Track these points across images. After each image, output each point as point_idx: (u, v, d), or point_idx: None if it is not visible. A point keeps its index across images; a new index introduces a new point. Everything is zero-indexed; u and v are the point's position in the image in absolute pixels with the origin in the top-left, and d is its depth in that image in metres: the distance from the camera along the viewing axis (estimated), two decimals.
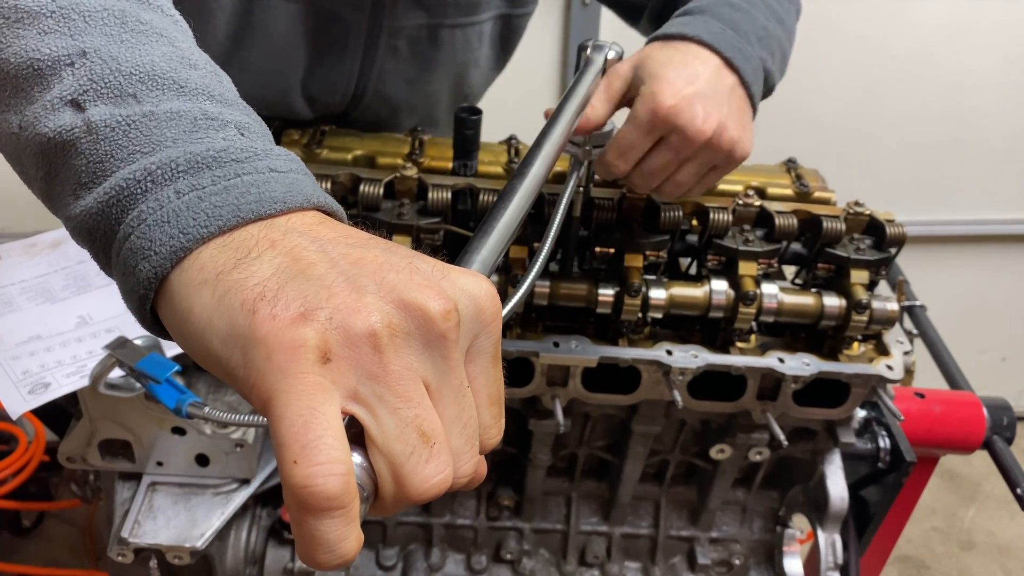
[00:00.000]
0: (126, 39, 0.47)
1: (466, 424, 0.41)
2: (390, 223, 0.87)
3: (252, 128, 0.47)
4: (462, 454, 0.41)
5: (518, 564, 1.12)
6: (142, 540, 0.90)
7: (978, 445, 1.19)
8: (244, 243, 0.41)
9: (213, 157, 0.43)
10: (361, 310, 0.38)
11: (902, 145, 2.32)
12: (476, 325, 0.42)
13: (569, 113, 0.72)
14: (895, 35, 2.15)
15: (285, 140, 1.00)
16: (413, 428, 0.38)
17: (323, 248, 0.40)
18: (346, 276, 0.39)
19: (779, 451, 1.03)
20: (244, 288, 0.38)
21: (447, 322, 0.39)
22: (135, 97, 0.45)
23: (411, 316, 0.39)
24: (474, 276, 0.43)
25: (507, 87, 1.27)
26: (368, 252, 0.41)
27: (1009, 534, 2.50)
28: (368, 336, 0.37)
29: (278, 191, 0.43)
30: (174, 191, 0.42)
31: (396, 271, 0.40)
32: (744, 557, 1.13)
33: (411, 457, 0.38)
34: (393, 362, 0.38)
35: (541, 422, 0.96)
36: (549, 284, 0.89)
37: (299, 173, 0.46)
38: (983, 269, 2.57)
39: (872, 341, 0.95)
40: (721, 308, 0.90)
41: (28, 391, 0.91)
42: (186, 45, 0.50)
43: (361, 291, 0.38)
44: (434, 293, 0.39)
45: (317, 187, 0.46)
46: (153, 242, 0.41)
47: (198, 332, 0.40)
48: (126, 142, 0.44)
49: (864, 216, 0.92)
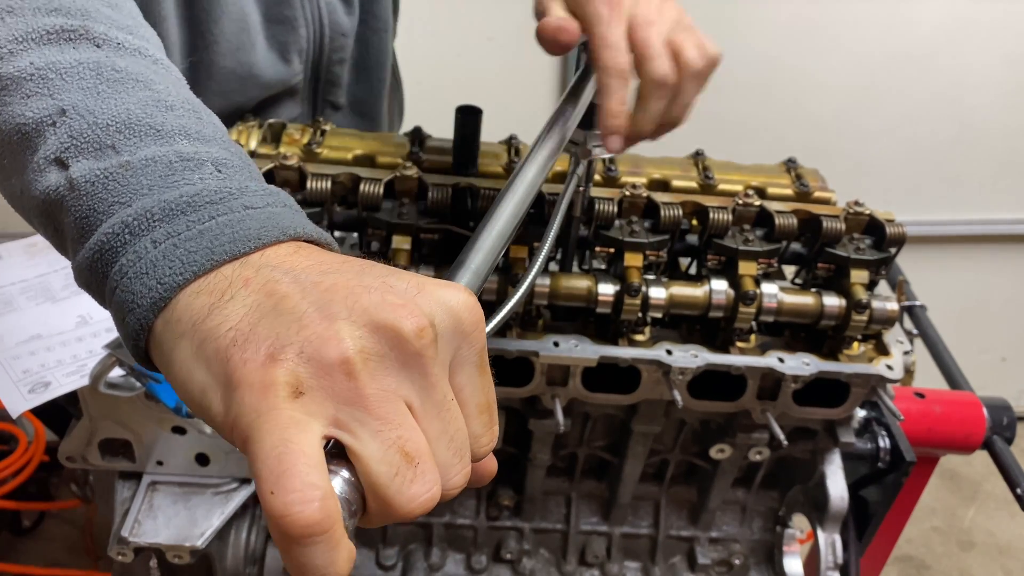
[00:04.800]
0: (102, 90, 0.48)
1: (452, 437, 0.41)
2: (390, 223, 0.87)
3: (231, 163, 0.48)
4: (450, 467, 0.41)
5: (518, 564, 1.12)
6: (142, 539, 0.90)
7: (978, 445, 1.19)
8: (218, 285, 0.42)
9: (187, 202, 0.44)
10: (331, 339, 0.38)
11: (902, 145, 2.32)
12: (456, 337, 0.42)
13: (568, 115, 0.72)
14: (895, 35, 2.15)
15: (285, 139, 1.00)
16: (396, 449, 0.38)
17: (296, 278, 0.41)
18: (317, 305, 0.40)
19: (779, 451, 1.03)
20: (218, 336, 0.39)
21: (421, 340, 0.39)
22: (113, 148, 0.46)
23: (384, 338, 0.39)
24: (451, 287, 0.43)
25: (507, 87, 1.27)
26: (341, 277, 0.41)
27: (1009, 534, 2.50)
28: (340, 363, 0.38)
29: (252, 228, 0.44)
30: (151, 241, 0.43)
31: (368, 293, 0.40)
32: (744, 557, 1.13)
33: (395, 478, 0.38)
34: (369, 386, 0.38)
35: (541, 422, 0.96)
36: (549, 283, 0.89)
37: (277, 206, 0.47)
38: (983, 269, 2.57)
39: (872, 341, 0.95)
40: (721, 308, 0.90)
41: (28, 390, 0.91)
42: (164, 86, 0.51)
43: (332, 318, 0.39)
44: (407, 312, 0.40)
45: (297, 217, 0.47)
46: (135, 295, 0.42)
47: (181, 383, 0.41)
48: (106, 195, 0.45)
49: (864, 216, 0.92)
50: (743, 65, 2.13)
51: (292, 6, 1.01)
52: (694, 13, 0.86)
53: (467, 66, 2.06)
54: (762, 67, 2.16)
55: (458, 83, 2.06)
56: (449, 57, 2.06)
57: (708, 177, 1.01)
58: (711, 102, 0.84)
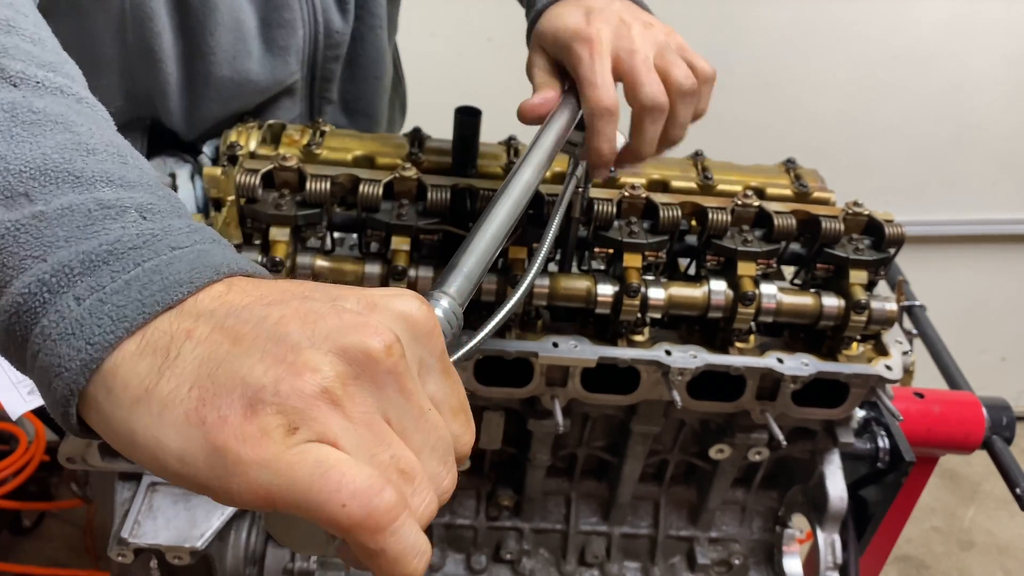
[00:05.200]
0: (16, 134, 0.44)
1: (435, 446, 0.41)
2: (389, 224, 0.87)
3: (156, 207, 0.45)
4: (439, 475, 0.41)
5: (518, 564, 1.12)
6: (142, 540, 0.90)
7: (977, 445, 1.20)
8: (160, 342, 0.39)
9: (108, 251, 0.41)
10: (304, 371, 0.37)
11: (901, 145, 2.32)
12: (418, 345, 0.41)
13: (564, 116, 0.72)
14: (894, 34, 2.15)
15: (285, 140, 1.00)
16: (393, 470, 0.38)
17: (240, 319, 0.39)
18: (275, 340, 0.38)
19: (778, 451, 1.03)
20: (179, 398, 0.37)
21: (391, 357, 0.39)
22: (27, 196, 0.42)
23: (354, 360, 0.38)
24: (400, 297, 0.42)
25: (507, 88, 1.27)
26: (287, 307, 0.39)
27: (1009, 534, 2.50)
28: (323, 393, 0.37)
29: (183, 271, 0.41)
30: (73, 298, 0.39)
31: (323, 318, 0.39)
32: (743, 557, 1.13)
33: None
34: (354, 411, 0.37)
35: (540, 422, 0.96)
36: (548, 283, 0.89)
37: (205, 243, 0.43)
38: (982, 269, 2.57)
39: (871, 341, 0.95)
40: (720, 308, 0.90)
41: (28, 391, 0.91)
42: (86, 128, 0.47)
43: (297, 350, 0.37)
44: (370, 330, 0.38)
45: (227, 251, 0.44)
46: (62, 358, 0.39)
47: (150, 455, 0.38)
48: (17, 248, 0.41)
49: (863, 216, 0.92)
50: (742, 65, 2.13)
51: (291, 8, 1.01)
52: (694, 13, 0.86)
53: (467, 66, 2.06)
54: (761, 67, 2.16)
55: (458, 83, 2.06)
56: (449, 57, 2.06)
57: (707, 178, 1.02)
58: (711, 102, 0.85)
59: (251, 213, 0.85)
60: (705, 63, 0.80)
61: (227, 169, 0.94)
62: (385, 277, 0.86)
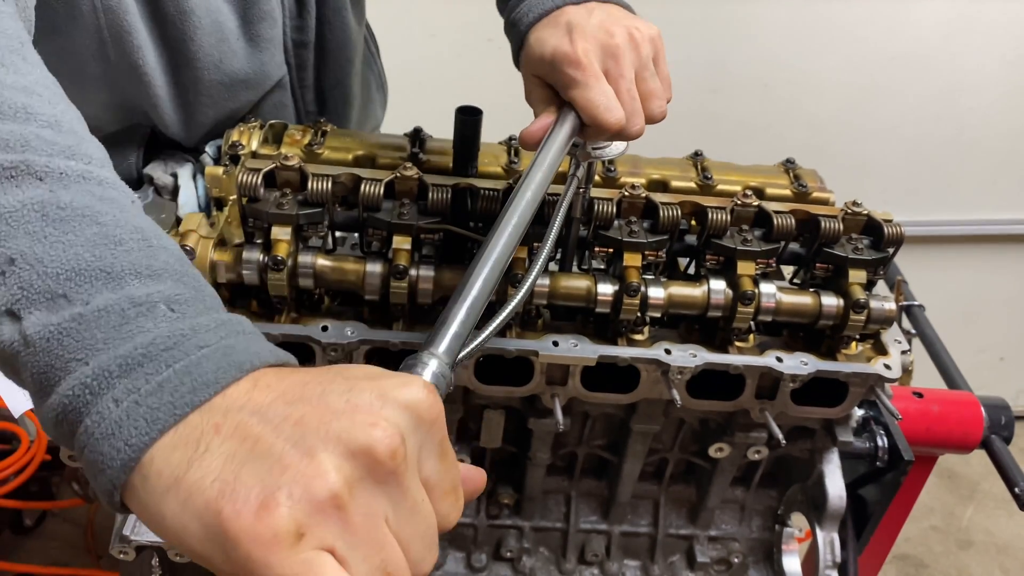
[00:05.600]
0: (49, 234, 0.47)
1: (423, 535, 0.45)
2: (390, 223, 0.87)
3: (183, 298, 0.48)
4: (421, 560, 0.44)
5: (518, 562, 1.13)
6: (144, 538, 0.90)
7: (976, 444, 1.20)
8: (191, 436, 0.43)
9: (143, 354, 0.45)
10: (317, 476, 0.40)
11: (900, 145, 2.32)
12: (420, 433, 0.45)
13: (557, 142, 0.73)
14: (893, 35, 2.16)
15: (287, 140, 1.01)
16: (381, 573, 0.42)
17: (264, 417, 0.43)
18: (293, 442, 0.42)
19: (777, 450, 1.03)
20: (203, 488, 0.41)
21: (395, 460, 0.42)
22: (65, 297, 0.46)
23: (361, 462, 0.42)
24: (411, 386, 0.45)
25: (507, 88, 1.27)
26: (307, 406, 0.43)
27: (1007, 533, 2.51)
28: (331, 499, 0.40)
29: (209, 372, 0.45)
30: (112, 400, 0.44)
31: (337, 418, 0.42)
32: (743, 555, 1.14)
33: None
34: (356, 515, 0.41)
35: (541, 421, 0.97)
36: (548, 283, 0.89)
37: (230, 337, 0.47)
38: (981, 269, 2.57)
39: (870, 340, 0.95)
40: (719, 307, 0.90)
41: None
42: (111, 216, 0.50)
43: (312, 454, 0.41)
44: (379, 431, 0.42)
45: (252, 345, 0.48)
46: (104, 456, 0.43)
47: (177, 537, 0.42)
48: (61, 351, 0.45)
49: (862, 216, 0.93)
50: (742, 65, 2.14)
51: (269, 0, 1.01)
52: (694, 14, 0.86)
53: (467, 66, 2.06)
54: (761, 67, 2.16)
55: (458, 83, 2.06)
56: (449, 57, 2.06)
57: (707, 177, 1.02)
58: (710, 102, 0.85)
59: (253, 212, 0.85)
60: (669, 84, 0.83)
61: (229, 168, 0.95)
62: (386, 276, 0.86)
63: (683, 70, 2.08)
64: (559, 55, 0.77)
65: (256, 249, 0.85)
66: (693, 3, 2.00)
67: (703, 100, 2.12)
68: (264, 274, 0.84)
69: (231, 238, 0.90)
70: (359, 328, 0.87)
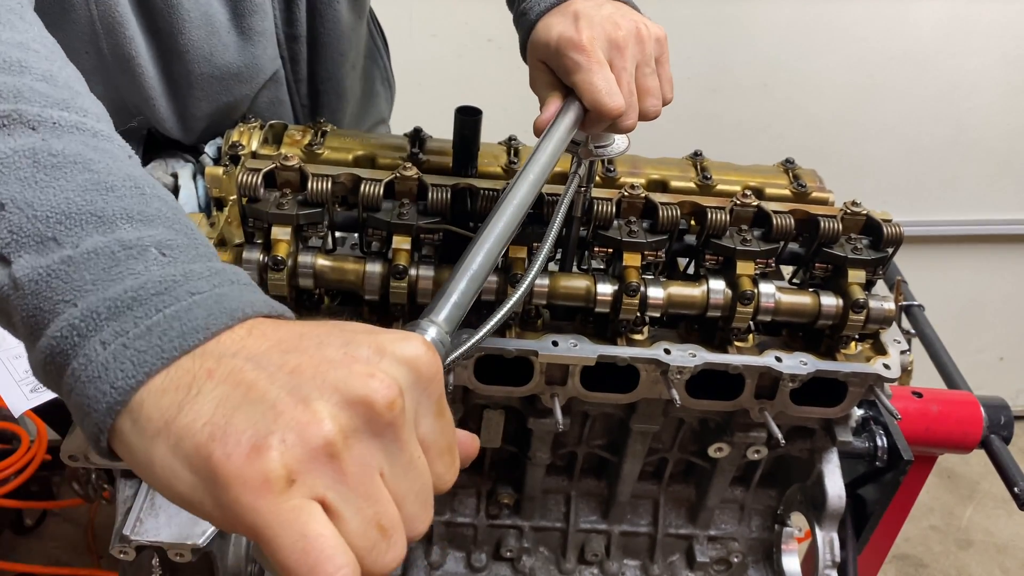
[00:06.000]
0: (40, 179, 0.47)
1: (419, 492, 0.44)
2: (390, 223, 0.87)
3: (175, 244, 0.48)
4: (415, 517, 0.44)
5: (518, 562, 1.13)
6: (144, 538, 0.90)
7: (975, 444, 1.20)
8: (182, 380, 0.42)
9: (132, 296, 0.44)
10: (312, 423, 0.40)
11: (900, 145, 2.33)
12: (418, 389, 0.44)
13: (562, 127, 0.73)
14: (893, 35, 2.16)
15: (287, 140, 1.01)
16: (374, 525, 0.41)
17: (259, 364, 0.42)
18: (288, 389, 0.41)
19: (777, 450, 1.03)
20: (194, 432, 0.40)
21: (392, 411, 0.42)
22: (55, 240, 0.46)
23: (358, 412, 0.41)
24: (410, 342, 0.45)
25: (507, 88, 1.27)
26: (303, 356, 0.43)
27: (1007, 533, 2.51)
28: (325, 446, 0.40)
29: (200, 318, 0.44)
30: (100, 342, 0.43)
31: (334, 368, 0.42)
32: (742, 555, 1.14)
33: (372, 551, 0.41)
34: (350, 465, 0.40)
35: (540, 420, 0.97)
36: (548, 282, 0.89)
37: (224, 286, 0.46)
38: (980, 269, 2.58)
39: (869, 340, 0.95)
40: (719, 307, 0.90)
41: (30, 389, 0.92)
42: (104, 164, 0.50)
43: (307, 401, 0.40)
44: (377, 382, 0.41)
45: (246, 295, 0.47)
46: (90, 399, 0.42)
47: (166, 482, 0.41)
48: (50, 293, 0.44)
49: (861, 216, 0.93)
50: (741, 66, 2.14)
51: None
52: (694, 14, 0.86)
53: (467, 66, 2.07)
54: (760, 68, 2.16)
55: (458, 83, 2.06)
56: (449, 57, 2.06)
57: (706, 177, 1.02)
58: (710, 103, 0.86)
59: (253, 212, 0.85)
60: (671, 86, 0.83)
61: (229, 169, 0.95)
62: (386, 276, 0.86)
63: (683, 70, 2.09)
64: (564, 40, 0.77)
65: (256, 249, 0.85)
66: (694, 3, 2.00)
67: (703, 100, 2.12)
68: (264, 274, 0.84)
69: (231, 238, 0.90)
70: None
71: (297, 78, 1.14)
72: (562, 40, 0.78)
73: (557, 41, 0.78)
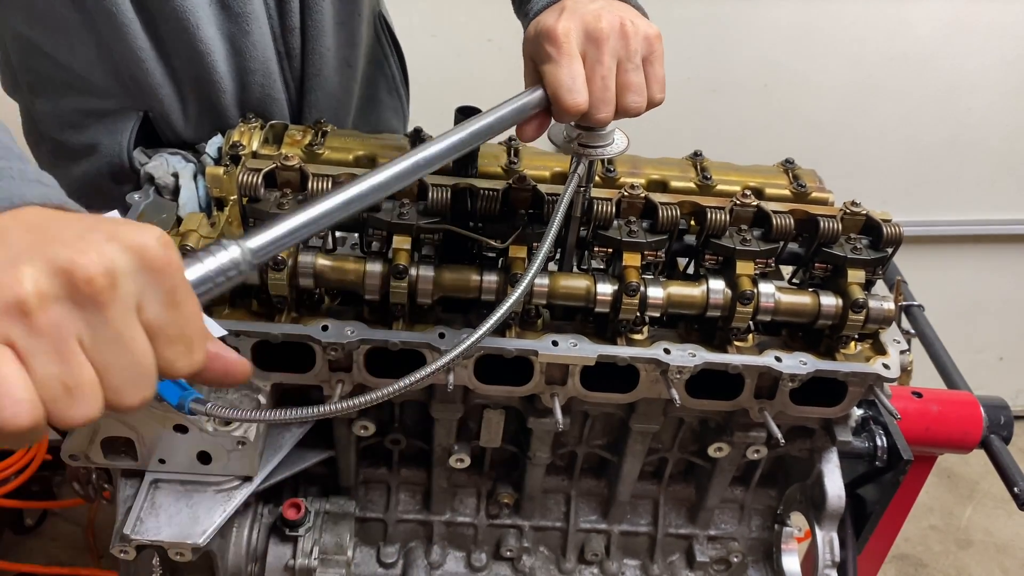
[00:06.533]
0: None
1: (127, 367, 0.47)
2: (390, 223, 0.87)
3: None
4: (118, 389, 0.48)
5: (518, 561, 1.13)
6: (144, 537, 0.90)
7: (975, 444, 1.20)
8: None
9: None
10: (12, 283, 0.44)
11: (899, 145, 2.33)
12: (142, 276, 0.48)
13: (516, 104, 0.74)
14: (893, 36, 2.16)
15: (287, 140, 1.01)
16: (56, 381, 0.45)
17: (1, 238, 0.48)
18: (9, 257, 0.46)
19: (777, 449, 1.03)
20: None
21: (92, 286, 0.45)
22: None
23: (60, 281, 0.45)
24: (143, 231, 0.48)
25: (507, 88, 1.27)
26: (41, 234, 0.47)
27: (1006, 532, 2.51)
28: (16, 304, 0.44)
29: None
30: None
31: (59, 244, 0.46)
32: (742, 555, 1.14)
33: (56, 402, 0.46)
34: (43, 323, 0.45)
35: (540, 420, 0.97)
36: (548, 282, 0.90)
37: (5, 179, 0.54)
38: (980, 269, 2.58)
39: (869, 340, 0.95)
40: (719, 307, 0.90)
41: None
42: None
43: (16, 264, 0.45)
44: (88, 258, 0.46)
45: (23, 188, 0.54)
46: None
47: None
48: None
49: (861, 216, 0.93)
50: (741, 66, 2.14)
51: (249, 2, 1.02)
52: (694, 15, 0.86)
53: (467, 66, 2.07)
54: (760, 68, 2.16)
55: (458, 83, 2.06)
56: (449, 57, 2.06)
57: (706, 178, 1.02)
58: (709, 103, 0.86)
59: (253, 212, 0.86)
60: (661, 91, 0.82)
61: (229, 169, 0.95)
62: (386, 276, 0.86)
63: (683, 70, 2.09)
64: (542, 29, 0.78)
65: None
66: (694, 3, 2.00)
67: (703, 100, 2.12)
68: (264, 274, 0.85)
69: (232, 238, 0.90)
70: (359, 327, 0.87)
71: (294, 76, 1.13)
72: (541, 29, 0.78)
73: (536, 31, 0.79)
